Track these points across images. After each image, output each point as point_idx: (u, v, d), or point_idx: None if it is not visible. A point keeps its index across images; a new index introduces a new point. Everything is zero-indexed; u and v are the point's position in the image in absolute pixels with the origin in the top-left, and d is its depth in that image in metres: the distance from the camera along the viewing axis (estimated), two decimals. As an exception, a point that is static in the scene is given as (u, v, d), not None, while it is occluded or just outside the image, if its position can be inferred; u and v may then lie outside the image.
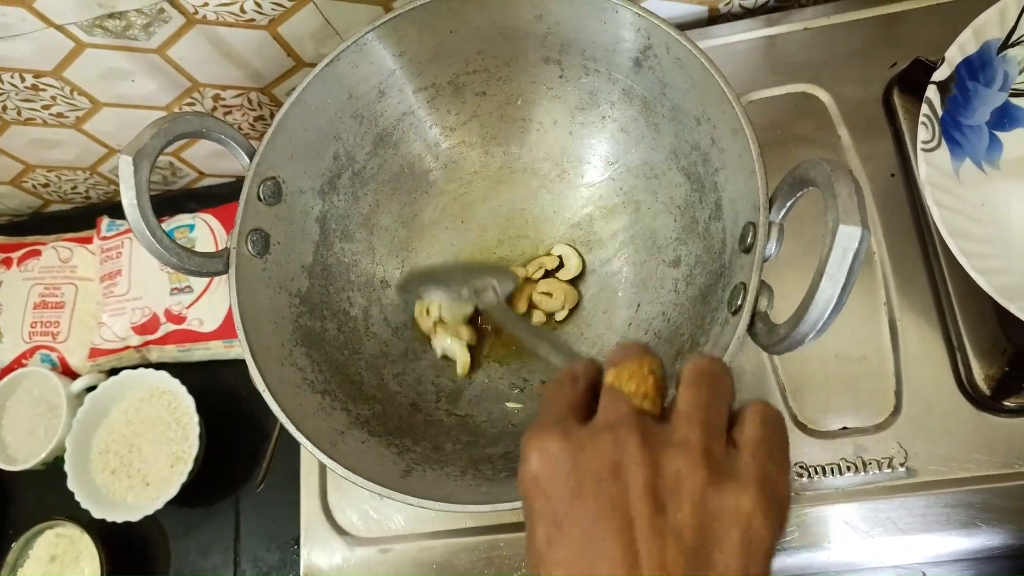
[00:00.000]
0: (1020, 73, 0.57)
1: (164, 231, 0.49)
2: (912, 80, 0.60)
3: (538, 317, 0.59)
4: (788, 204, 0.43)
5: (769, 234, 0.43)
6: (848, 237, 0.35)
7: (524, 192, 0.62)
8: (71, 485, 0.70)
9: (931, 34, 0.63)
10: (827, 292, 0.35)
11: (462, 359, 0.58)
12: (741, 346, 0.42)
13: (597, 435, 0.29)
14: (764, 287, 0.43)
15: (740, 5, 0.69)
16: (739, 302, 0.44)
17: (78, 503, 0.69)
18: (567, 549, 0.27)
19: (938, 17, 0.64)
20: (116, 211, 0.77)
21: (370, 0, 0.62)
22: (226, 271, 0.51)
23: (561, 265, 0.60)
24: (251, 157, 0.53)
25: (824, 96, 0.64)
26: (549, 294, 0.58)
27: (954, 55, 0.55)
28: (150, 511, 0.68)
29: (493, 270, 0.59)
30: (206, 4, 0.60)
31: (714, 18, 0.71)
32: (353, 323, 0.58)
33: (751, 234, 0.44)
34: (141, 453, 0.73)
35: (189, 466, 0.70)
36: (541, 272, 0.60)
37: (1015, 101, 0.57)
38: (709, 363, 0.31)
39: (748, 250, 0.45)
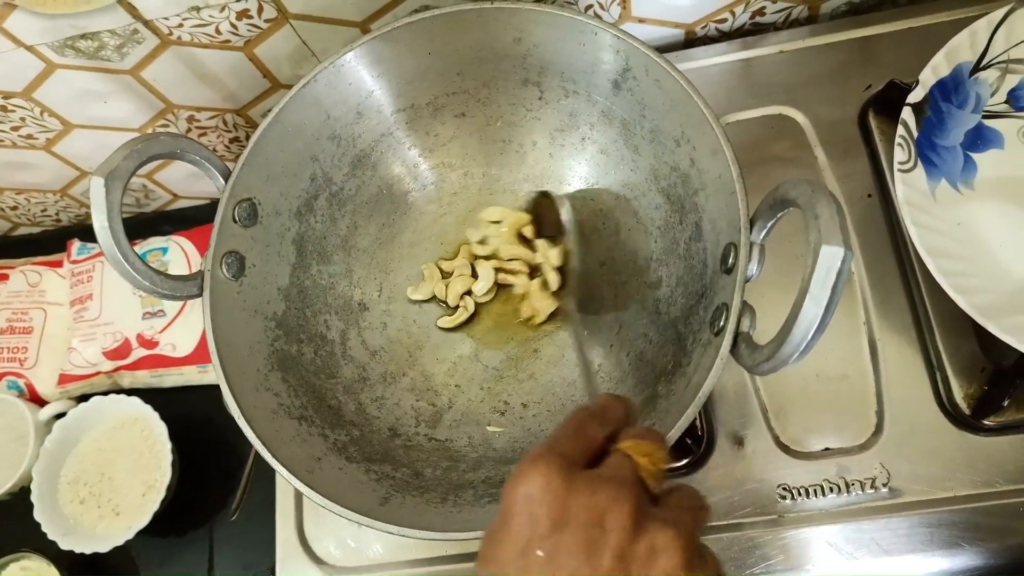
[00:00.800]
0: (992, 95, 0.58)
1: (137, 254, 0.48)
2: (887, 102, 0.61)
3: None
4: (769, 224, 0.43)
5: (750, 254, 0.43)
6: (831, 257, 0.34)
7: (504, 214, 0.62)
8: (37, 516, 0.68)
9: (905, 57, 0.64)
10: (810, 313, 0.35)
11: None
12: (724, 367, 0.42)
13: (598, 485, 0.31)
14: (746, 307, 0.42)
15: (716, 28, 0.70)
16: (721, 323, 0.43)
17: (45, 534, 0.67)
18: (529, 570, 0.30)
19: (911, 40, 0.65)
20: (87, 234, 0.76)
21: (348, 22, 0.62)
22: (200, 294, 0.50)
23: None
24: (226, 179, 0.52)
25: (800, 117, 0.65)
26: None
27: (928, 77, 0.56)
28: (120, 541, 0.66)
29: None
30: (181, 25, 0.59)
31: (690, 41, 0.71)
32: (330, 347, 0.57)
33: (732, 255, 0.44)
34: (112, 482, 0.71)
35: (162, 494, 0.68)
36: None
37: (988, 123, 0.58)
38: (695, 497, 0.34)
39: (730, 271, 0.44)
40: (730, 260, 0.44)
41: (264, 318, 0.53)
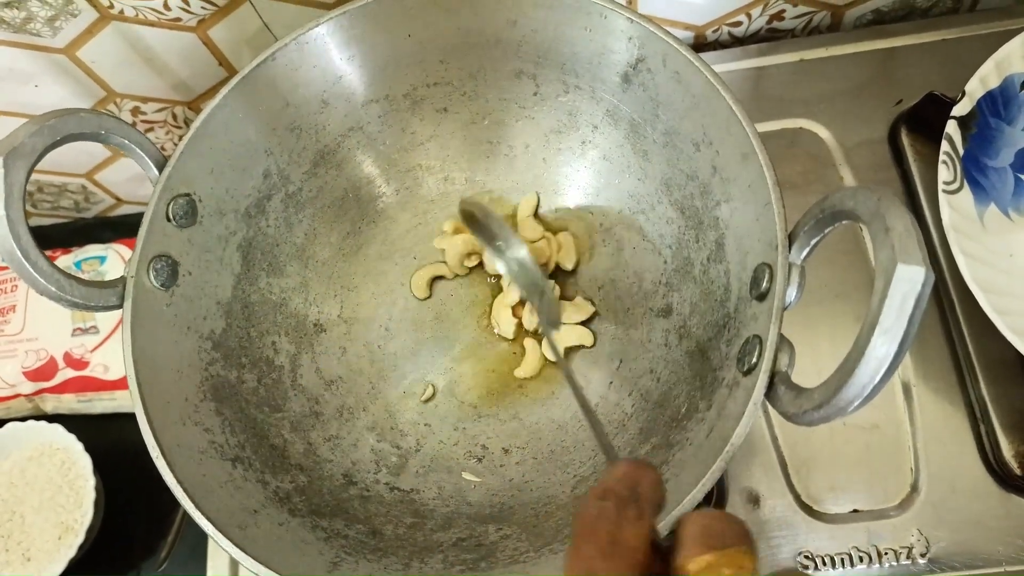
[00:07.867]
0: (1044, 113, 0.52)
1: (42, 252, 0.39)
2: (923, 118, 0.55)
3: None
4: (813, 242, 0.36)
5: (789, 277, 0.36)
6: (908, 279, 0.27)
7: (488, 226, 0.54)
8: (-72, 562, 0.59)
9: (935, 71, 0.59)
10: (880, 350, 0.28)
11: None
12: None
13: None
14: (783, 341, 0.35)
15: (729, 33, 0.64)
16: (754, 360, 0.36)
17: (-65, 584, 0.58)
18: None
19: (941, 54, 0.60)
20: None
21: (318, 3, 0.55)
22: (120, 305, 0.41)
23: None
24: (161, 169, 0.44)
25: (824, 133, 0.58)
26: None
27: (975, 88, 0.50)
28: (27, 593, 0.58)
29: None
30: (122, -5, 0.51)
31: (700, 46, 0.65)
32: (278, 374, 0.48)
33: (767, 278, 0.37)
34: (23, 522, 0.63)
35: (80, 538, 0.60)
36: None
37: (1041, 143, 0.52)
38: None
39: (763, 297, 0.37)
40: (763, 284, 0.37)
41: (198, 337, 0.45)
